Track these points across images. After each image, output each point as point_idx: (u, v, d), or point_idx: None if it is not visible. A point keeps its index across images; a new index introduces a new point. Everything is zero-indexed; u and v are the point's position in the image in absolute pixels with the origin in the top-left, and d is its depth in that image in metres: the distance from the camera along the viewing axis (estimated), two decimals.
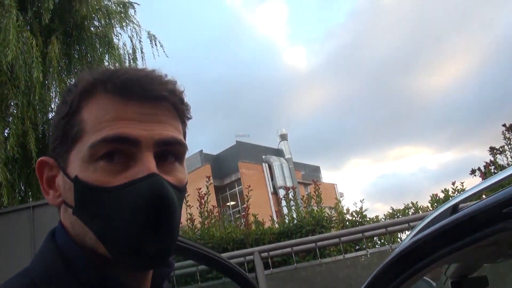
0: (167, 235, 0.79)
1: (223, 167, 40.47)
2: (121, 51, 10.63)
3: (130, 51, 10.74)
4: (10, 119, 8.03)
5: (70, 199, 0.83)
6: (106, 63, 10.30)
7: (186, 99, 0.91)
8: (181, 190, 0.85)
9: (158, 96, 0.84)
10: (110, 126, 0.79)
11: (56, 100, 9.55)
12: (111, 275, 0.82)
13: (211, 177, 8.07)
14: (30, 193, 9.18)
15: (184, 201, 6.05)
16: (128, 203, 0.76)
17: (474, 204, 1.62)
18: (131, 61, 10.64)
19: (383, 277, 1.86)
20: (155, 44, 10.76)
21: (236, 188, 39.06)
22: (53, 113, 9.71)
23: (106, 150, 0.79)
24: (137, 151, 0.80)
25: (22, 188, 9.23)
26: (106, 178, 0.78)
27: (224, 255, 5.37)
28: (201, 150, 40.48)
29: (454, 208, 1.80)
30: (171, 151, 0.85)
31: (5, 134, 7.93)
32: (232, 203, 38.70)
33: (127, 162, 0.80)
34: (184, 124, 0.92)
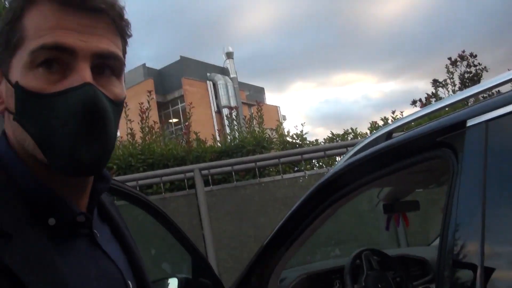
0: (100, 142, 0.83)
1: (166, 82, 39.73)
2: None
3: None
4: None
5: (11, 106, 0.85)
6: None
7: (126, 16, 0.92)
8: (117, 104, 0.88)
9: (97, 8, 0.84)
10: (49, 34, 0.81)
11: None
12: (46, 183, 0.86)
13: (153, 92, 7.96)
14: None
15: (125, 115, 5.96)
16: (63, 110, 0.80)
17: (409, 131, 1.67)
18: None
19: (317, 195, 1.92)
20: None
21: (179, 105, 38.67)
22: None
23: (45, 58, 0.81)
24: (74, 60, 0.82)
25: None
26: (44, 85, 0.81)
27: (164, 171, 5.40)
28: (144, 64, 39.43)
29: (389, 134, 1.85)
30: (108, 64, 0.87)
31: None
32: (174, 120, 38.44)
33: (64, 71, 0.82)
34: (124, 41, 0.94)
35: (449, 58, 8.04)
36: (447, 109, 1.87)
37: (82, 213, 0.90)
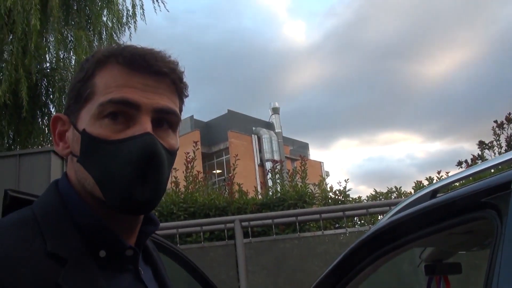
0: (153, 185, 0.93)
1: (212, 134, 40.40)
2: (120, 7, 10.50)
3: (130, 7, 10.60)
4: (4, 65, 7.93)
5: (76, 150, 0.97)
6: (104, 18, 10.18)
7: (185, 79, 1.05)
8: (171, 153, 0.99)
9: (160, 72, 0.98)
10: (117, 91, 0.94)
11: (52, 50, 9.44)
12: (102, 219, 0.94)
13: (198, 142, 8.08)
14: (18, 140, 9.15)
15: None
16: (124, 155, 0.90)
17: (453, 191, 1.64)
18: (130, 17, 10.51)
19: (358, 252, 1.89)
20: (156, 0, 10.62)
21: (224, 157, 39.10)
22: (48, 63, 9.62)
23: (112, 110, 0.93)
24: (137, 114, 0.94)
25: (11, 135, 9.21)
26: (109, 133, 0.93)
27: (205, 220, 5.42)
28: (192, 116, 40.35)
29: (434, 193, 1.83)
30: (166, 119, 0.99)
31: None
32: (218, 171, 38.75)
33: (128, 122, 0.94)
34: (181, 100, 1.07)
35: (495, 121, 7.91)
36: (492, 170, 1.83)
37: (131, 247, 0.98)
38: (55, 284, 0.81)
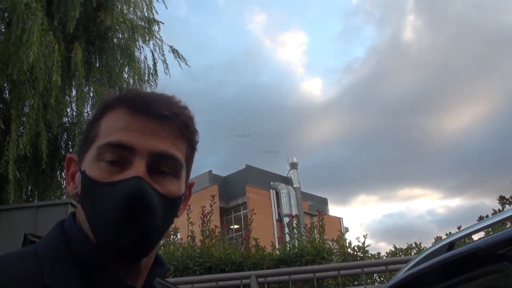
0: (140, 231, 0.90)
1: (230, 189, 40.39)
2: (142, 65, 10.78)
3: (151, 65, 10.87)
4: (25, 118, 8.11)
5: (79, 190, 0.98)
6: (125, 75, 10.43)
7: (193, 124, 1.04)
8: (168, 199, 0.96)
9: (160, 115, 0.97)
10: (116, 134, 0.94)
11: (72, 105, 9.66)
12: (103, 257, 0.92)
13: (216, 196, 8.07)
14: (36, 193, 9.24)
15: (187, 218, 6.04)
16: (112, 197, 0.89)
17: (470, 243, 1.60)
18: (151, 75, 10.75)
19: None
20: (177, 56, 10.87)
21: (241, 212, 38.90)
22: (67, 117, 9.82)
23: (109, 153, 0.93)
24: (132, 157, 0.93)
25: (29, 188, 9.31)
26: (103, 175, 0.92)
27: (221, 276, 5.35)
28: (210, 170, 40.51)
29: (450, 245, 1.79)
30: (164, 163, 0.97)
31: (19, 133, 8.00)
32: (235, 226, 38.49)
33: (123, 166, 0.93)
34: (191, 147, 1.05)
35: None
36: (508, 223, 1.80)
37: (132, 286, 0.94)
38: None
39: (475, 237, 2.16)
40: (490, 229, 1.88)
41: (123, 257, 0.91)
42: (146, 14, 11.10)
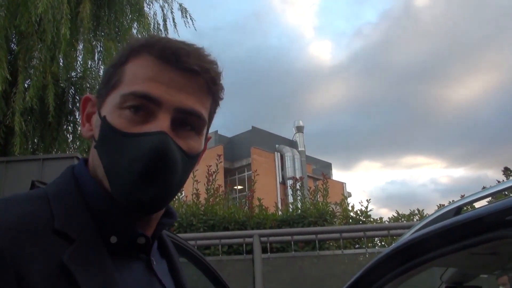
0: (161, 186, 0.89)
1: (235, 150, 40.48)
2: (151, 20, 10.65)
3: (161, 22, 10.75)
4: (32, 71, 8.07)
5: (97, 135, 0.96)
6: (135, 31, 10.33)
7: (221, 80, 1.01)
8: (189, 156, 0.95)
9: (190, 69, 0.94)
10: (142, 83, 0.91)
11: (80, 59, 9.60)
12: (115, 205, 0.92)
13: (222, 156, 8.10)
14: (42, 146, 9.28)
15: (192, 176, 6.09)
16: (135, 150, 0.88)
17: (478, 208, 1.60)
18: (160, 31, 10.64)
19: (376, 270, 1.85)
20: (186, 16, 10.74)
21: (246, 173, 39.09)
22: (75, 71, 9.78)
23: (133, 103, 0.91)
24: (158, 110, 0.91)
25: (36, 140, 9.35)
26: (127, 125, 0.90)
27: (224, 233, 5.40)
28: (216, 131, 40.50)
29: (458, 210, 1.78)
30: (189, 120, 0.95)
31: (26, 85, 7.98)
32: (239, 187, 38.75)
33: (148, 117, 0.91)
34: (215, 103, 1.03)
35: None
36: None
37: (143, 234, 0.95)
38: (60, 263, 0.78)
39: (480, 204, 2.15)
40: (495, 197, 1.88)
41: (139, 210, 0.91)
42: None
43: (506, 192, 1.78)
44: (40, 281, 0.75)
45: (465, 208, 1.82)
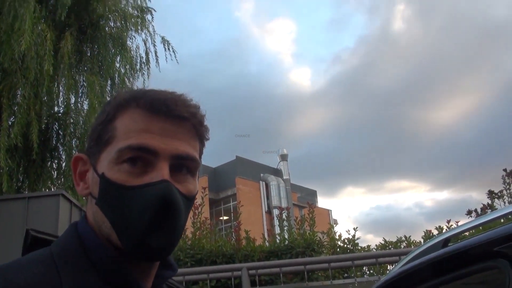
0: (169, 233, 0.92)
1: (220, 180, 40.39)
2: (134, 54, 10.72)
3: (143, 55, 10.83)
4: (16, 108, 8.05)
5: (95, 192, 0.97)
6: (117, 64, 10.37)
7: (206, 122, 1.05)
8: (189, 198, 0.99)
9: (180, 117, 0.98)
10: (136, 136, 0.94)
11: (63, 95, 9.60)
12: (120, 262, 0.93)
13: (207, 189, 8.07)
14: (27, 183, 9.19)
15: None
16: (141, 201, 0.90)
17: (466, 240, 1.62)
18: (143, 64, 10.71)
19: None
20: (168, 49, 10.84)
21: (231, 203, 38.91)
22: (59, 107, 9.76)
23: (130, 156, 0.93)
24: (155, 160, 0.94)
25: (20, 177, 9.26)
26: (127, 178, 0.92)
27: (213, 268, 5.36)
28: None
29: (445, 242, 1.81)
30: (185, 164, 0.98)
31: (10, 122, 7.95)
32: (225, 217, 38.55)
33: (146, 168, 0.93)
34: (202, 144, 1.06)
35: (505, 170, 7.90)
36: (502, 220, 1.82)
37: None
38: None
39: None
40: (481, 228, 1.91)
41: (150, 257, 0.93)
42: (138, 2, 11.04)
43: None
44: None
45: (452, 239, 1.84)
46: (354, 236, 6.89)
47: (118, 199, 0.92)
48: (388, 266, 5.73)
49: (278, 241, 6.90)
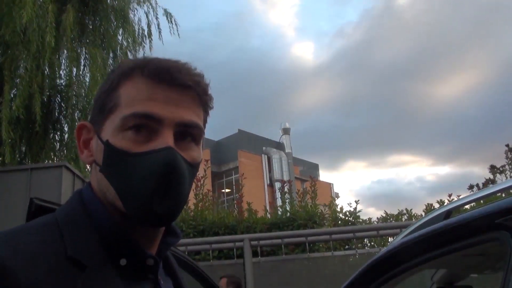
0: (173, 198, 0.92)
1: (222, 154, 40.45)
2: (136, 27, 10.62)
3: (145, 27, 10.73)
4: (18, 80, 8.03)
5: (99, 159, 0.98)
6: (120, 37, 10.31)
7: (210, 91, 1.05)
8: (193, 166, 0.98)
9: (184, 85, 0.97)
10: (141, 104, 0.94)
11: (65, 67, 9.56)
12: (125, 227, 0.95)
13: (209, 161, 8.10)
14: (30, 155, 9.22)
15: None
16: (145, 168, 0.91)
17: (468, 212, 1.64)
18: (145, 37, 10.63)
19: (369, 273, 1.88)
20: (171, 21, 10.75)
21: (233, 176, 39.10)
22: (61, 79, 9.74)
23: (135, 123, 0.93)
24: (159, 127, 0.94)
25: (23, 149, 9.29)
26: (131, 146, 0.93)
27: (215, 238, 5.42)
28: None
29: (447, 214, 1.82)
30: (189, 132, 0.98)
31: (12, 94, 7.94)
32: (227, 190, 38.73)
33: (150, 135, 0.94)
34: (206, 113, 1.06)
35: (507, 145, 7.93)
36: (503, 194, 1.83)
37: (152, 256, 0.98)
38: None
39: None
40: (482, 201, 1.93)
41: (155, 223, 0.95)
42: None
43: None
44: None
45: (454, 212, 1.86)
46: (355, 209, 6.94)
47: (123, 166, 0.93)
48: (389, 238, 5.77)
49: (280, 213, 6.95)
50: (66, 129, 9.68)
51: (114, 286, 0.88)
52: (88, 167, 9.46)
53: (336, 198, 7.82)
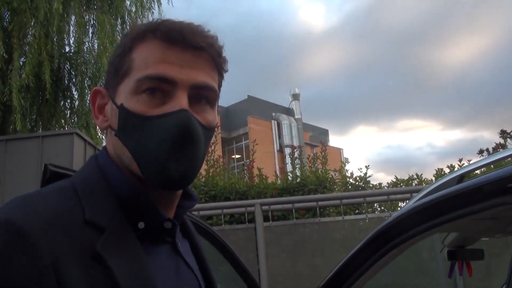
0: (188, 161, 0.93)
1: (232, 120, 40.50)
2: None
3: None
4: (27, 48, 8.02)
5: (114, 123, 0.99)
6: (128, 3, 10.23)
7: (224, 53, 1.04)
8: (208, 129, 0.99)
9: (197, 47, 0.97)
10: (154, 66, 0.94)
11: (73, 34, 9.53)
12: (142, 191, 0.96)
13: (219, 127, 8.11)
14: (40, 122, 9.28)
15: None
16: (160, 130, 0.91)
17: (480, 176, 1.64)
18: (153, 2, 10.55)
19: (380, 238, 1.90)
20: None
21: (243, 142, 39.21)
22: (70, 46, 9.72)
23: (149, 86, 0.94)
24: (174, 90, 0.94)
25: (33, 117, 9.34)
26: (146, 108, 0.93)
27: (226, 203, 5.46)
28: None
29: (461, 178, 1.83)
30: (203, 95, 0.99)
31: (21, 62, 7.95)
32: (237, 156, 38.90)
33: (164, 98, 0.94)
34: (220, 76, 1.06)
35: None
36: None
37: (169, 219, 1.00)
38: (94, 253, 0.82)
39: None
40: (492, 166, 1.93)
41: (171, 186, 0.95)
42: None
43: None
44: (76, 270, 0.78)
45: (467, 176, 1.86)
46: (365, 174, 6.94)
47: (138, 129, 0.93)
48: (400, 203, 5.79)
49: (290, 178, 6.97)
50: (76, 96, 9.74)
51: (133, 249, 0.89)
52: (99, 133, 9.56)
53: (346, 163, 7.83)
